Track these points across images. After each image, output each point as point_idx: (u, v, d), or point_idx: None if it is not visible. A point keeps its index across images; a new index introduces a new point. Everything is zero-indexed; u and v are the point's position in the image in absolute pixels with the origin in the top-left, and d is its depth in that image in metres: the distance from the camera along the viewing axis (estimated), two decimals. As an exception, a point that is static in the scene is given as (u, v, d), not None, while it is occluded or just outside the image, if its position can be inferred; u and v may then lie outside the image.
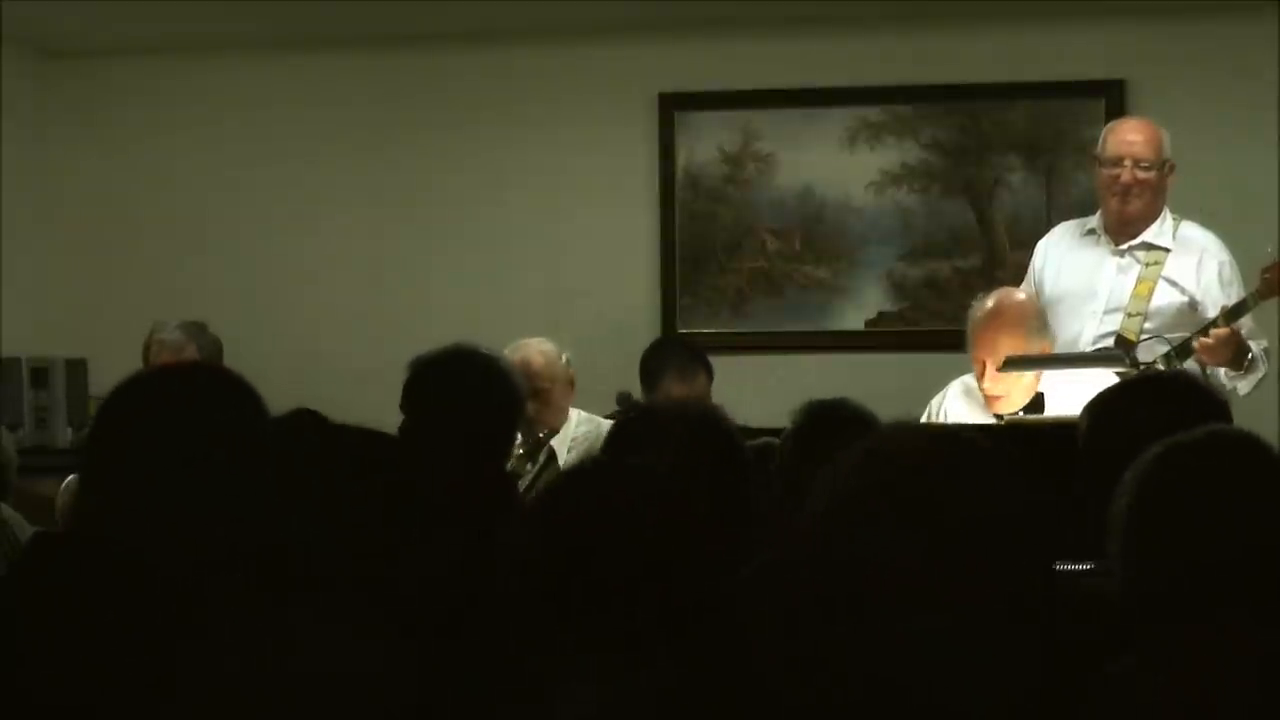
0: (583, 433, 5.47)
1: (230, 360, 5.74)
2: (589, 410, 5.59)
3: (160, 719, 1.94)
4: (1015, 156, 7.15)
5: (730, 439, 3.12)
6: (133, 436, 2.31)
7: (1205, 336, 4.94)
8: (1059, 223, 5.71)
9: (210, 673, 1.90)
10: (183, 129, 7.63)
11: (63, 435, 6.90)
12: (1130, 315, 5.22)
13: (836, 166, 7.25)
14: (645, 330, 6.87)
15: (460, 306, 7.18)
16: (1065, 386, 4.85)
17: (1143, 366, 5.11)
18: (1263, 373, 4.96)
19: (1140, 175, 5.24)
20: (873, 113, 7.23)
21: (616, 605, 1.84)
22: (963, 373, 5.10)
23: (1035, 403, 4.83)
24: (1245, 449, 2.24)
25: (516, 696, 1.87)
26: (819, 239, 7.30)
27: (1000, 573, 1.34)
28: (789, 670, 1.33)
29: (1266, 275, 4.98)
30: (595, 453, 5.15)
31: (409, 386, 3.85)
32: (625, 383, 5.88)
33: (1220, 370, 4.96)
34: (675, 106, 7.35)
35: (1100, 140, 5.41)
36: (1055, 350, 5.11)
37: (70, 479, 4.15)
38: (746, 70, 7.25)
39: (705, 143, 7.37)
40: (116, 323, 6.82)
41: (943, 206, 7.20)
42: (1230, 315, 4.98)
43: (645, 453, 2.94)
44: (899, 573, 1.32)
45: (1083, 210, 5.73)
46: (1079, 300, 5.30)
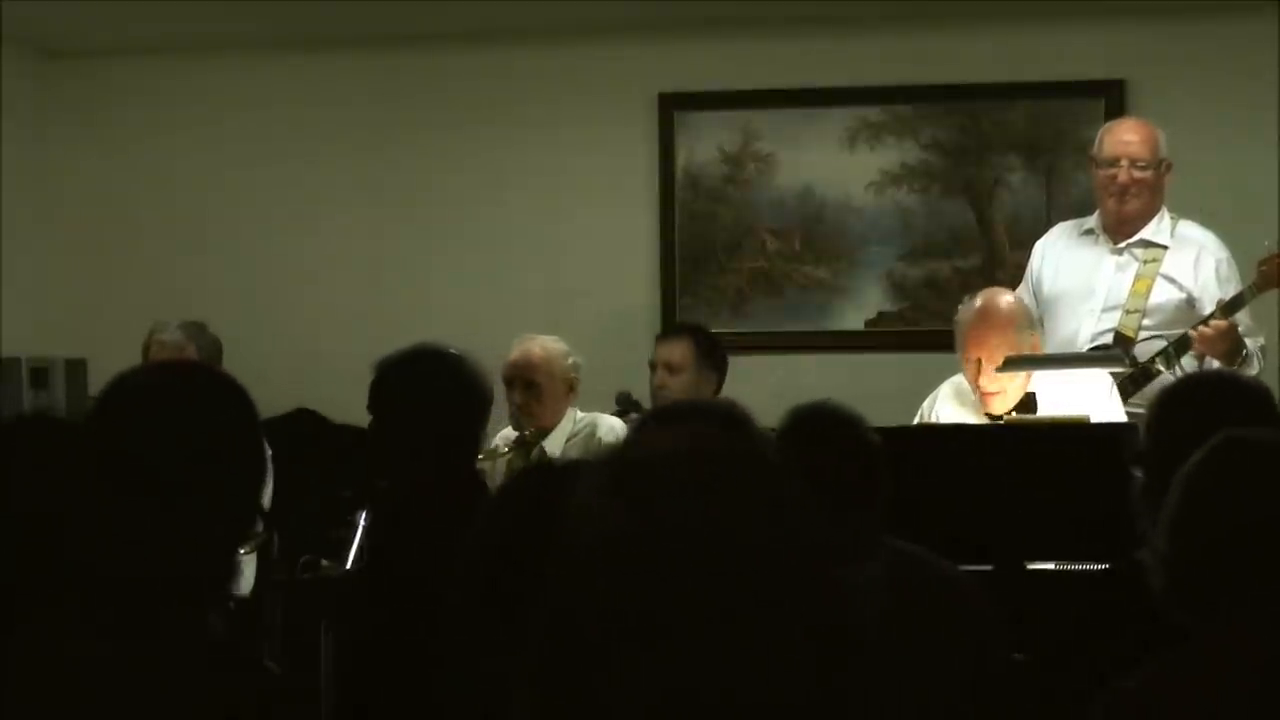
0: (581, 430, 5.46)
1: (230, 360, 5.74)
2: (589, 410, 5.59)
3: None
4: (1015, 156, 7.14)
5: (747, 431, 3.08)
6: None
7: (1204, 327, 4.96)
8: (1059, 223, 5.72)
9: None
10: (183, 129, 7.63)
11: (62, 435, 6.89)
12: (1129, 312, 5.23)
13: (836, 166, 7.24)
14: (645, 330, 6.85)
15: (460, 306, 7.18)
16: (1056, 386, 4.85)
17: (1141, 365, 5.12)
18: (1257, 369, 4.96)
19: (1137, 175, 5.25)
20: (873, 113, 7.23)
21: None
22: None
23: (1027, 402, 4.82)
24: None
25: (468, 697, 1.86)
26: (819, 239, 7.30)
27: (769, 588, 1.31)
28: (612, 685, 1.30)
29: (1263, 268, 4.99)
30: (593, 449, 5.17)
31: (374, 388, 3.83)
32: (625, 383, 5.87)
33: (1215, 364, 4.97)
34: (675, 106, 7.35)
35: (1097, 141, 5.42)
36: (1046, 348, 5.11)
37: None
38: (746, 70, 7.24)
39: (705, 143, 7.36)
40: (116, 323, 6.83)
41: (943, 206, 7.19)
42: (1227, 308, 4.99)
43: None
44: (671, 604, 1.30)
45: (1082, 210, 5.74)
46: (1077, 298, 5.31)
